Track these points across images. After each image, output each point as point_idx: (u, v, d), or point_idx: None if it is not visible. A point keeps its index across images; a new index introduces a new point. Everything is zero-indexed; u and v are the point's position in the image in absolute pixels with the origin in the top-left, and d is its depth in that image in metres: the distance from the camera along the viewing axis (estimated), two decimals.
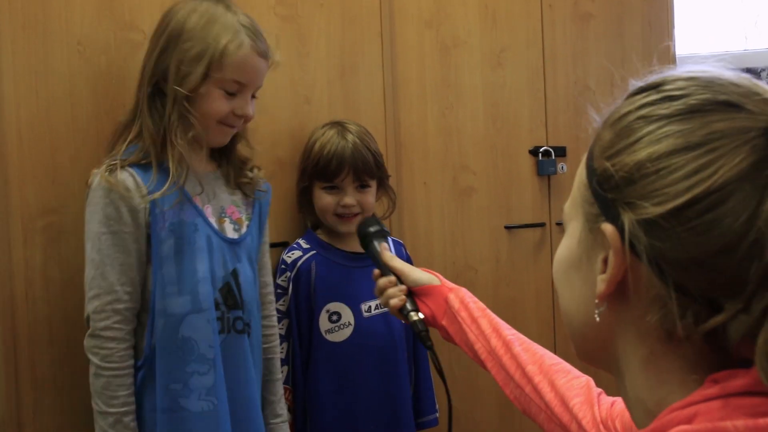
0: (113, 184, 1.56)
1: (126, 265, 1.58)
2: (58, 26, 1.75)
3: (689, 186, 0.61)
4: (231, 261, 1.68)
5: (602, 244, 0.68)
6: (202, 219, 1.65)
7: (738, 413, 0.59)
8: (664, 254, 0.63)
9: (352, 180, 1.98)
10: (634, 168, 0.65)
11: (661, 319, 0.64)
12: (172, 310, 1.59)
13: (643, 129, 0.66)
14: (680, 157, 0.63)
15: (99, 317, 1.57)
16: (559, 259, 0.76)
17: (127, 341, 1.59)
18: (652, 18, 2.60)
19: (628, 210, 0.65)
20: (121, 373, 1.58)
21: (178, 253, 1.61)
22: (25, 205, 1.72)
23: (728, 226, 0.60)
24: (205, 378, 1.62)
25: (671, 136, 0.64)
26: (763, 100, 0.64)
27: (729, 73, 0.67)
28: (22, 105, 1.71)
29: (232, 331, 1.67)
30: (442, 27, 2.32)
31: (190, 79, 1.58)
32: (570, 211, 0.74)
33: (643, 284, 0.65)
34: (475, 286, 2.35)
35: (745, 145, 0.61)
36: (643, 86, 0.70)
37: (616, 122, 0.69)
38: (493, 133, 2.39)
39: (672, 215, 0.62)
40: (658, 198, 0.63)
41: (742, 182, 0.60)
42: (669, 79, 0.69)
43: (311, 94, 2.11)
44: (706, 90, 0.66)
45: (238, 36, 1.61)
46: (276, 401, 1.83)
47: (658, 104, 0.67)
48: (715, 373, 0.63)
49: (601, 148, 0.69)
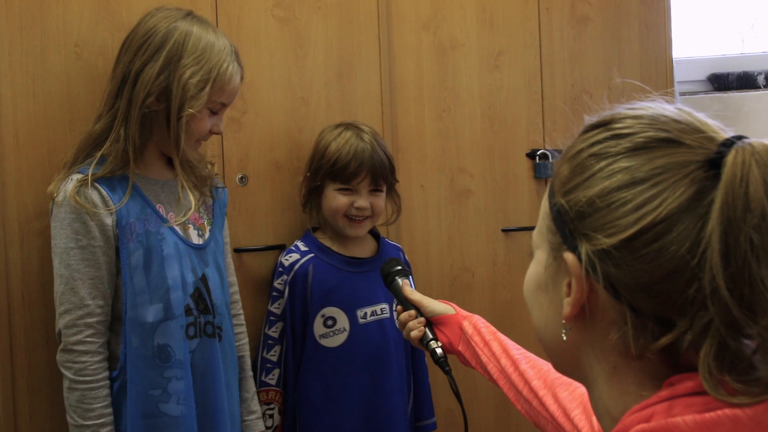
0: (81, 204, 1.58)
1: (97, 279, 1.60)
2: (55, 28, 1.75)
3: (637, 219, 0.67)
4: (199, 266, 1.71)
5: (566, 271, 0.73)
6: (167, 228, 1.67)
7: (689, 410, 0.65)
8: (619, 280, 0.69)
9: (368, 183, 1.97)
10: (587, 204, 0.71)
11: (621, 337, 0.70)
12: (145, 319, 1.62)
13: (595, 166, 0.72)
14: (627, 192, 0.69)
15: (71, 332, 1.59)
16: (528, 282, 0.82)
17: (101, 354, 1.61)
18: (649, 21, 2.61)
19: (584, 241, 0.71)
20: (96, 385, 1.60)
21: (147, 263, 1.63)
22: (22, 207, 1.71)
23: (673, 253, 0.66)
24: (182, 382, 1.64)
25: (619, 172, 0.70)
26: (700, 135, 0.70)
27: (671, 109, 0.73)
28: (19, 106, 1.71)
29: (203, 336, 1.69)
30: (440, 29, 2.32)
31: (198, 102, 1.62)
32: (537, 239, 0.80)
33: (602, 307, 0.71)
34: (471, 288, 2.35)
35: (685, 178, 0.67)
36: (595, 123, 0.76)
37: (571, 158, 0.75)
38: (490, 135, 2.39)
39: (622, 246, 0.68)
40: (609, 230, 0.69)
41: (684, 213, 0.66)
42: (618, 117, 0.74)
43: (308, 96, 2.12)
44: (649, 128, 0.71)
45: (233, 62, 1.68)
46: (249, 398, 1.86)
47: (607, 142, 0.72)
48: (671, 378, 0.69)
49: (560, 183, 0.75)
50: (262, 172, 2.04)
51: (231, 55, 1.68)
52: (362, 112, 2.18)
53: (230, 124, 1.99)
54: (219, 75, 1.64)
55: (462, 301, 2.34)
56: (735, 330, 0.64)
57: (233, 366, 1.79)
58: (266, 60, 2.06)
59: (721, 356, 0.65)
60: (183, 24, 1.64)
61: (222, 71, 1.65)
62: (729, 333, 0.64)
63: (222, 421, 1.71)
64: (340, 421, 1.96)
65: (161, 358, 1.62)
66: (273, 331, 1.96)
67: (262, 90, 2.05)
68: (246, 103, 2.02)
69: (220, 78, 1.64)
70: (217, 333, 1.72)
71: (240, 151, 2.01)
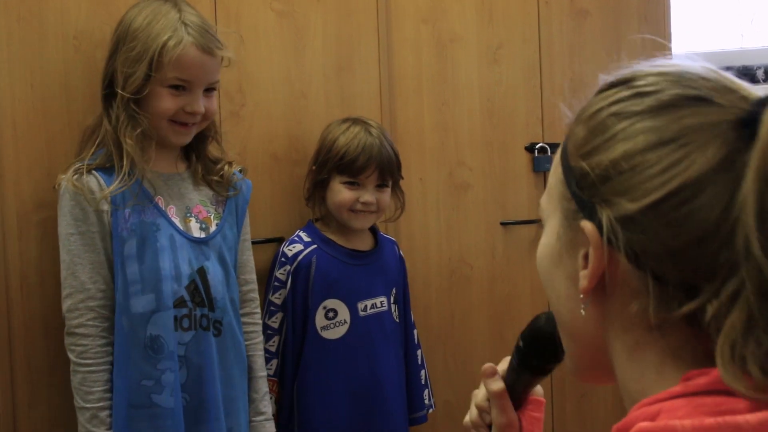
0: (78, 188, 1.60)
1: (97, 263, 1.62)
2: (53, 20, 1.75)
3: (664, 181, 0.63)
4: (197, 259, 1.70)
5: (582, 241, 0.69)
6: (164, 219, 1.67)
7: (698, 412, 0.61)
8: (643, 247, 0.64)
9: (375, 178, 1.98)
10: (610, 166, 0.66)
11: (643, 308, 0.65)
12: (137, 309, 1.62)
13: (616, 126, 0.67)
14: (654, 153, 0.64)
15: (72, 315, 1.61)
16: (540, 256, 0.77)
17: (103, 338, 1.62)
18: (648, 15, 2.60)
19: (605, 207, 0.66)
20: (97, 369, 1.61)
21: (141, 253, 1.63)
22: (20, 200, 1.72)
23: (704, 217, 0.62)
24: (174, 374, 1.64)
25: (644, 132, 0.65)
26: (731, 93, 0.66)
27: (698, 67, 0.68)
28: (17, 99, 1.71)
29: (198, 329, 1.69)
30: (439, 23, 2.32)
31: (133, 80, 1.60)
32: (547, 207, 0.75)
33: (623, 277, 0.67)
34: (470, 281, 2.36)
35: (716, 139, 0.62)
36: (614, 81, 0.72)
37: (588, 118, 0.70)
38: (489, 129, 2.39)
39: (649, 210, 0.63)
40: (634, 194, 0.64)
41: (715, 175, 0.62)
42: (639, 74, 0.70)
43: (307, 89, 2.12)
44: (676, 85, 0.67)
45: (177, 33, 1.62)
46: (259, 399, 1.84)
47: (629, 100, 0.68)
48: (690, 372, 0.64)
49: (575, 145, 0.70)
50: (261, 165, 2.05)
51: (178, 28, 1.62)
52: (361, 105, 2.18)
53: (229, 117, 1.99)
54: (163, 49, 1.59)
55: (460, 294, 2.34)
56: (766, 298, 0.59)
57: (238, 362, 1.77)
58: (265, 53, 2.06)
59: (748, 330, 0.60)
60: (138, 8, 1.65)
61: (159, 44, 1.59)
62: (760, 301, 0.59)
63: (215, 416, 1.70)
64: (338, 412, 1.97)
65: (154, 348, 1.63)
66: (273, 321, 1.96)
67: (261, 83, 2.06)
68: (245, 96, 2.03)
69: (165, 52, 1.59)
70: (215, 327, 1.71)
71: (239, 144, 2.01)
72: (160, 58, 1.60)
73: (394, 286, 2.09)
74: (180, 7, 1.66)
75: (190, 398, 1.67)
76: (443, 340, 2.32)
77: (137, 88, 1.60)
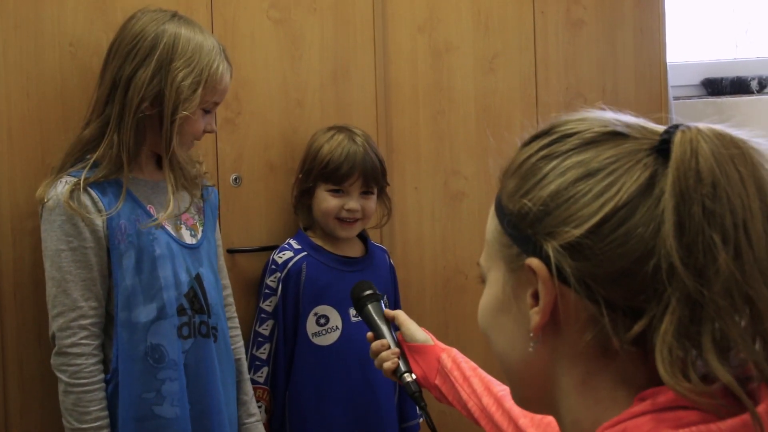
0: (74, 209, 1.58)
1: (89, 280, 1.60)
2: (50, 27, 1.75)
3: (599, 206, 0.68)
4: (193, 266, 1.71)
5: (528, 280, 0.72)
6: (159, 227, 1.67)
7: (663, 426, 0.64)
8: (591, 272, 0.68)
9: (359, 185, 1.99)
10: (548, 199, 0.70)
11: (595, 336, 0.69)
12: (137, 320, 1.61)
13: (547, 166, 0.72)
14: (585, 183, 0.69)
15: (65, 334, 1.59)
16: (484, 309, 0.81)
17: (96, 356, 1.61)
18: (643, 25, 2.61)
19: (549, 239, 0.70)
20: (92, 388, 1.59)
21: (140, 263, 1.63)
22: (15, 206, 1.71)
23: (640, 235, 0.66)
24: (176, 383, 1.64)
25: (573, 167, 0.70)
26: (642, 127, 0.72)
27: (610, 112, 0.75)
28: (13, 105, 1.71)
29: (198, 336, 1.69)
30: (435, 32, 2.32)
31: (192, 104, 1.63)
32: (487, 263, 0.79)
33: (573, 308, 0.70)
34: (465, 291, 2.36)
35: (638, 164, 0.68)
36: (535, 134, 0.77)
37: (518, 168, 0.75)
38: (484, 138, 2.39)
39: (591, 233, 0.68)
40: (575, 222, 0.69)
41: (642, 195, 0.67)
42: (559, 122, 0.75)
43: (303, 97, 2.12)
44: (595, 124, 0.73)
45: (222, 60, 1.69)
46: (248, 401, 1.85)
47: (555, 144, 0.73)
48: (642, 392, 0.67)
49: (509, 195, 0.75)
50: (256, 173, 2.05)
51: (220, 54, 1.69)
52: (357, 114, 2.18)
53: (224, 124, 1.99)
54: (210, 75, 1.65)
55: (455, 304, 2.34)
56: (692, 306, 0.64)
57: (230, 367, 1.78)
58: (261, 61, 2.06)
59: (680, 336, 0.64)
60: (171, 26, 1.65)
61: (213, 71, 1.65)
62: (686, 310, 0.64)
63: (219, 422, 1.70)
64: (330, 420, 1.97)
65: (155, 358, 1.62)
66: (263, 328, 1.96)
67: (257, 91, 2.06)
68: (241, 103, 2.03)
69: (211, 78, 1.65)
70: (212, 333, 1.71)
71: (234, 152, 2.01)
72: (214, 86, 1.67)
73: (386, 294, 2.09)
74: (203, 30, 1.71)
75: (192, 406, 1.66)
76: None
77: (194, 110, 1.64)
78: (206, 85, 1.64)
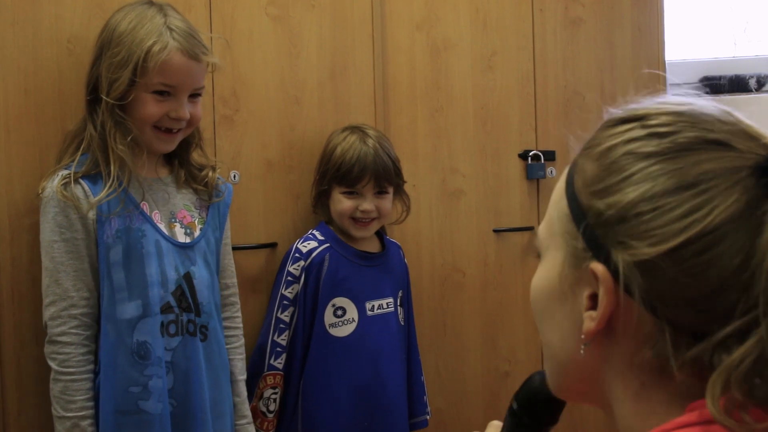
0: (67, 198, 1.58)
1: (81, 271, 1.61)
2: (48, 24, 1.75)
3: (684, 226, 0.61)
4: (183, 265, 1.70)
5: (588, 281, 0.67)
6: (150, 225, 1.67)
7: None
8: (660, 295, 0.63)
9: (372, 186, 2.01)
10: (628, 206, 0.64)
11: (654, 354, 0.64)
12: (123, 316, 1.61)
13: (633, 167, 0.65)
14: (673, 198, 0.62)
15: (55, 323, 1.60)
16: (538, 289, 0.74)
17: (85, 346, 1.62)
18: (642, 23, 2.61)
19: (620, 249, 0.64)
20: (79, 377, 1.60)
21: (127, 259, 1.63)
22: (13, 203, 1.71)
23: (724, 266, 0.61)
24: (161, 380, 1.64)
25: (663, 175, 0.64)
26: (748, 137, 0.65)
27: (712, 108, 0.67)
28: (10, 102, 1.71)
29: (185, 334, 1.69)
30: (433, 30, 2.32)
31: (117, 85, 1.59)
32: (547, 238, 0.73)
33: (634, 321, 0.65)
34: (462, 288, 2.36)
35: (737, 185, 0.61)
36: (625, 117, 0.70)
37: (600, 155, 0.68)
38: (482, 136, 2.39)
39: (668, 256, 0.62)
40: (652, 239, 0.62)
41: (735, 223, 0.61)
42: (653, 112, 0.68)
43: (301, 94, 2.11)
44: (693, 128, 0.65)
45: (162, 38, 1.60)
46: (241, 402, 1.84)
47: (645, 140, 0.66)
48: (693, 402, 0.64)
49: (585, 182, 0.68)
50: (254, 171, 2.04)
51: (163, 33, 1.61)
52: (355, 112, 2.18)
53: (222, 121, 1.99)
54: (147, 54, 1.58)
55: (453, 301, 2.34)
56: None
57: (223, 366, 1.77)
58: (259, 58, 2.05)
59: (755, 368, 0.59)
60: (120, 14, 1.64)
61: (144, 49, 1.58)
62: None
63: (203, 420, 1.70)
64: (342, 409, 1.99)
65: (140, 355, 1.62)
66: (285, 315, 1.98)
67: (255, 88, 2.05)
68: (239, 101, 2.02)
69: (150, 57, 1.58)
70: (201, 332, 1.71)
71: (232, 149, 2.01)
72: (144, 64, 1.58)
73: (401, 289, 2.13)
74: (165, 11, 1.65)
75: (177, 404, 1.66)
76: (435, 347, 2.32)
77: (121, 93, 1.60)
78: (143, 64, 1.58)
